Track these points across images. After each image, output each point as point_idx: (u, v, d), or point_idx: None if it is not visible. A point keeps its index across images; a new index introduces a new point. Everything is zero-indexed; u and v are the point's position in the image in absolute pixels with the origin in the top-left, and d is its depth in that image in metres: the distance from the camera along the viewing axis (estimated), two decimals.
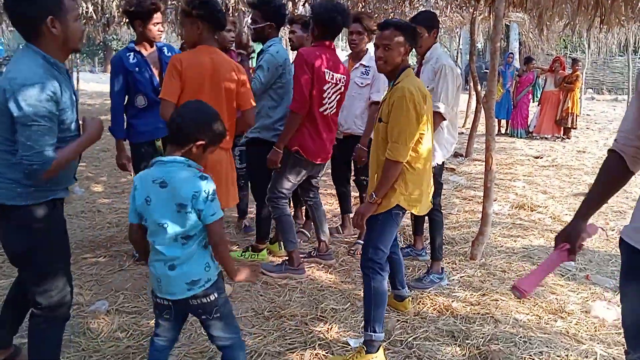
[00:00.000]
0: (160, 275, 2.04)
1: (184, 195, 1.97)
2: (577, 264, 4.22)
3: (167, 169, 2.01)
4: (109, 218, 4.98)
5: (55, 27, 1.99)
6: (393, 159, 2.63)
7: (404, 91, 2.60)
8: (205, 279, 2.06)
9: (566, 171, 7.92)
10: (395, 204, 2.72)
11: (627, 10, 6.37)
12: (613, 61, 24.83)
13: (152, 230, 2.04)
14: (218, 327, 2.15)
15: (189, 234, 2.02)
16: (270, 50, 3.71)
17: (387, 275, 2.83)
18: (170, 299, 2.07)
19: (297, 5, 8.38)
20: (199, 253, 2.06)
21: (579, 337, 3.06)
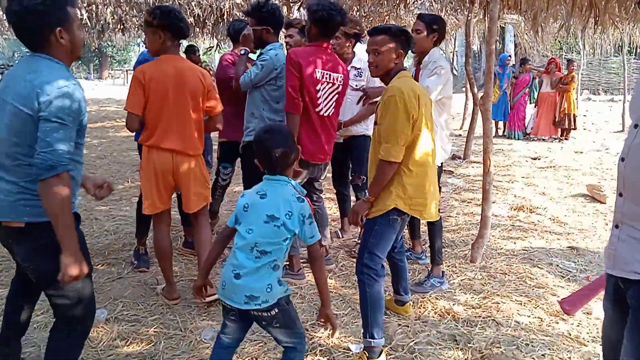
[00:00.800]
0: (225, 280, 2.17)
1: (278, 208, 2.14)
2: (577, 264, 4.21)
3: (270, 184, 2.23)
4: (107, 226, 4.96)
5: (63, 38, 2.00)
6: (385, 159, 2.62)
7: (394, 90, 2.61)
8: (264, 298, 2.13)
9: (564, 172, 7.92)
10: (392, 206, 2.70)
11: (621, 11, 6.40)
12: (608, 62, 24.92)
13: (240, 235, 2.18)
14: (279, 333, 2.26)
15: (266, 249, 2.13)
16: (269, 53, 3.70)
17: (382, 280, 2.81)
18: (230, 304, 2.17)
19: (292, 10, 8.38)
20: (266, 271, 2.14)
21: (581, 339, 3.05)
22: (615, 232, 1.63)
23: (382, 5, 9.22)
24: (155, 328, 3.08)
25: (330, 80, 3.56)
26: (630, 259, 1.55)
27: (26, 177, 1.98)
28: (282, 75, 3.73)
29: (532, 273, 4.00)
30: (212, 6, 10.53)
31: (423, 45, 3.62)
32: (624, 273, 1.58)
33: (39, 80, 1.92)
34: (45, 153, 1.88)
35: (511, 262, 4.22)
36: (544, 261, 4.27)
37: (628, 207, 1.57)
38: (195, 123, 3.15)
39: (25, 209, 1.99)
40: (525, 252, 4.48)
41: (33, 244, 2.04)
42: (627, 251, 1.57)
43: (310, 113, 3.55)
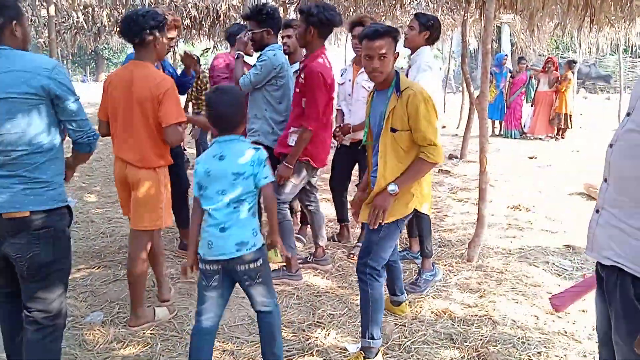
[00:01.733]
0: (211, 238, 2.28)
1: (241, 164, 2.27)
2: (573, 263, 4.22)
3: (224, 145, 2.32)
4: (103, 228, 4.95)
5: (17, 31, 2.11)
6: (434, 161, 2.64)
7: (423, 94, 2.60)
8: (252, 242, 2.31)
9: (561, 171, 7.94)
10: (413, 209, 2.74)
11: (617, 10, 6.41)
12: (604, 60, 24.96)
13: (210, 198, 2.30)
14: (260, 292, 2.38)
15: (240, 198, 2.29)
16: (268, 53, 3.72)
17: (383, 280, 2.81)
18: (220, 259, 2.29)
19: (288, 11, 8.39)
20: (248, 218, 2.32)
21: (576, 337, 3.05)
22: (595, 216, 1.65)
23: (379, 6, 9.22)
24: (152, 330, 3.07)
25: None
26: (606, 244, 1.58)
27: (26, 167, 2.05)
28: (282, 75, 3.74)
29: (528, 272, 4.01)
30: (208, 8, 10.55)
31: (414, 41, 3.66)
32: (599, 257, 1.61)
33: (32, 64, 2.04)
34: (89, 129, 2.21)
35: (507, 261, 4.22)
36: (540, 260, 4.27)
37: (610, 194, 1.58)
38: (146, 134, 2.90)
39: (29, 197, 2.05)
40: (522, 250, 4.48)
41: (35, 233, 2.08)
42: (604, 236, 1.59)
43: (328, 121, 3.62)
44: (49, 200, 2.09)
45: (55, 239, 2.13)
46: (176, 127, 2.89)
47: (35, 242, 2.09)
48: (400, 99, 2.61)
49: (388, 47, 2.57)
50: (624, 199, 1.53)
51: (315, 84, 3.44)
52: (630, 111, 1.58)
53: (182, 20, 10.66)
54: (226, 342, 2.96)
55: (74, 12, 10.69)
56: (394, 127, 2.63)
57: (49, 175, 2.10)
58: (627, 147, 1.54)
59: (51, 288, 2.17)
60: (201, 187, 2.33)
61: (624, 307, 1.52)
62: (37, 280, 2.14)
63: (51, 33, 5.37)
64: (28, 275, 2.13)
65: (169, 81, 2.89)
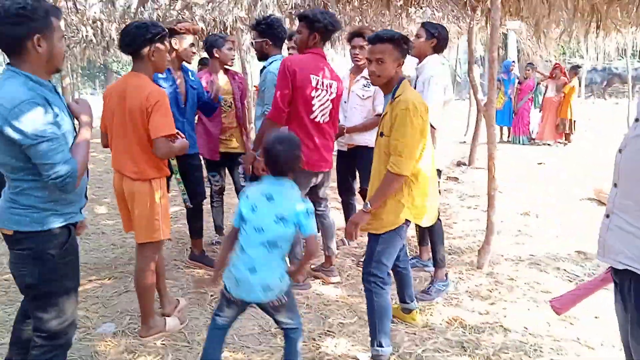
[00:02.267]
0: (240, 279, 2.32)
1: (287, 210, 2.31)
2: (584, 269, 4.19)
3: (275, 185, 2.37)
4: (113, 239, 4.98)
5: (40, 46, 1.98)
6: (397, 173, 2.59)
7: (407, 104, 2.58)
8: (278, 290, 2.36)
9: (570, 176, 7.90)
10: (404, 220, 2.71)
11: (623, 15, 6.40)
12: (612, 66, 24.83)
13: (248, 234, 2.33)
14: (283, 317, 2.46)
15: (276, 242, 2.32)
16: (271, 67, 3.74)
17: (389, 288, 2.80)
18: (245, 300, 2.37)
19: (294, 21, 8.44)
20: (278, 262, 2.36)
21: (589, 344, 3.03)
22: (605, 221, 1.66)
23: (384, 15, 9.25)
24: (163, 340, 3.09)
25: (325, 88, 3.57)
26: (617, 248, 1.58)
27: (12, 190, 2.05)
28: None
29: (539, 278, 3.99)
30: (215, 20, 10.62)
31: (421, 49, 3.66)
32: (611, 261, 1.61)
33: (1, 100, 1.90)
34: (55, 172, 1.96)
35: (518, 268, 4.20)
36: (551, 266, 4.25)
37: (619, 198, 1.59)
38: (139, 146, 2.88)
39: (14, 217, 2.05)
40: (532, 257, 4.46)
41: (18, 252, 2.09)
42: (615, 241, 1.59)
43: (305, 121, 3.53)
44: (32, 223, 2.05)
45: (38, 261, 2.07)
46: (165, 139, 2.83)
47: (20, 262, 2.09)
48: (392, 105, 2.66)
49: (387, 52, 2.64)
50: (632, 203, 1.54)
51: (279, 70, 3.45)
52: (638, 117, 1.59)
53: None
54: (236, 351, 2.96)
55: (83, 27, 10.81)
56: (382, 131, 2.70)
57: (32, 200, 2.04)
58: (636, 152, 1.55)
59: (43, 308, 2.13)
60: (244, 220, 2.36)
61: (638, 311, 1.51)
62: (29, 300, 2.17)
63: None
64: (22, 292, 2.16)
65: (160, 93, 2.85)
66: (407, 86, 2.72)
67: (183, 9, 9.74)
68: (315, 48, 3.56)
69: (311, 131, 3.58)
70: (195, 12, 10.18)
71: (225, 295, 2.42)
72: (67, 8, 8.11)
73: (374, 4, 7.47)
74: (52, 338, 2.17)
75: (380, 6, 7.58)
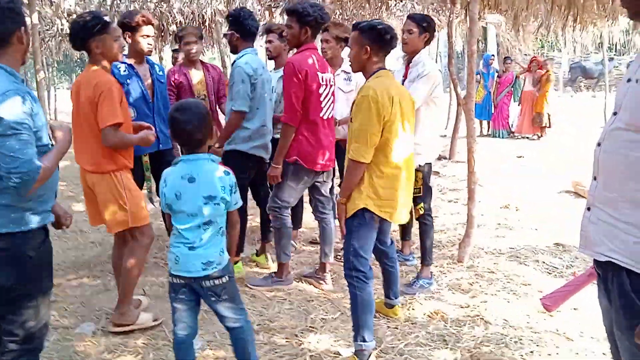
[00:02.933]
0: (179, 254, 2.27)
1: (213, 188, 2.25)
2: (563, 261, 4.25)
3: (194, 164, 2.27)
4: (92, 237, 4.91)
5: (24, 37, 2.01)
6: (354, 159, 2.63)
7: (367, 90, 2.60)
8: (218, 262, 2.29)
9: (548, 169, 8.00)
10: (362, 206, 2.69)
11: (600, 9, 6.49)
12: (589, 59, 25.20)
13: (180, 218, 2.28)
14: (226, 308, 2.35)
15: (211, 220, 2.27)
16: (239, 62, 3.72)
17: (372, 282, 2.81)
18: (185, 276, 2.27)
19: (274, 14, 8.39)
20: (216, 238, 2.31)
21: (568, 335, 3.07)
22: (587, 214, 1.68)
23: (364, 8, 9.26)
24: (144, 340, 3.05)
25: (326, 82, 3.55)
26: (599, 241, 1.60)
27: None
28: (256, 82, 3.69)
29: (518, 271, 4.03)
30: (194, 13, 10.51)
31: (415, 44, 3.60)
32: (593, 254, 1.63)
33: None
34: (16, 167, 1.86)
35: (498, 261, 4.24)
36: (530, 259, 4.30)
37: (599, 191, 1.61)
38: (93, 138, 2.87)
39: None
40: (512, 250, 4.51)
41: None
42: (596, 233, 1.61)
43: (315, 119, 3.52)
44: (10, 224, 1.97)
45: (15, 263, 2.00)
46: (113, 129, 2.82)
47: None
48: (359, 93, 2.70)
49: (354, 39, 2.74)
50: (613, 195, 1.55)
51: (286, 74, 3.42)
52: (616, 110, 1.60)
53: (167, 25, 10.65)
54: (218, 349, 2.94)
55: (58, 20, 10.62)
56: (351, 116, 2.75)
57: (8, 200, 1.96)
58: (614, 145, 1.56)
59: (18, 311, 2.06)
60: (171, 208, 2.30)
61: (622, 301, 1.53)
62: (1, 304, 2.05)
63: (34, 41, 5.33)
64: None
65: (106, 83, 2.84)
66: (380, 75, 2.71)
67: (161, 1, 9.62)
68: (308, 43, 3.52)
69: (320, 129, 3.56)
70: (173, 4, 10.07)
71: (171, 284, 2.34)
72: (41, 0, 7.93)
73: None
74: (25, 342, 2.09)
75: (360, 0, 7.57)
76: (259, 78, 3.73)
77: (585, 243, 1.67)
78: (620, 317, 1.55)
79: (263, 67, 3.85)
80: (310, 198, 3.93)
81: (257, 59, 3.83)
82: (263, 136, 3.85)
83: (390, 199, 2.73)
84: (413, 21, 3.60)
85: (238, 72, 3.66)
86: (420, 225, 3.78)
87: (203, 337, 3.03)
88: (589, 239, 1.66)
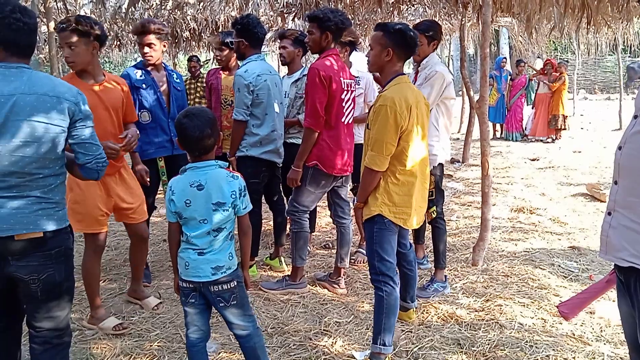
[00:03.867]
0: (188, 260, 2.28)
1: (222, 194, 2.26)
2: (579, 264, 4.21)
3: (201, 172, 2.27)
4: (107, 241, 4.95)
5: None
6: (369, 167, 2.64)
7: (386, 100, 2.60)
8: (227, 266, 2.31)
9: (563, 172, 7.93)
10: (377, 212, 2.71)
11: (614, 11, 6.42)
12: (604, 61, 24.97)
13: (190, 225, 2.29)
14: (235, 314, 2.36)
15: (221, 227, 2.29)
16: (239, 71, 3.76)
17: (398, 286, 2.81)
18: (194, 281, 2.28)
19: (287, 20, 8.42)
20: (226, 243, 2.32)
21: (585, 339, 3.04)
22: (607, 218, 1.65)
23: (376, 12, 9.25)
24: (159, 342, 3.07)
25: (347, 87, 3.58)
26: (620, 246, 1.57)
27: (41, 188, 2.05)
28: (258, 87, 3.71)
29: (534, 274, 4.00)
30: (207, 20, 10.58)
31: (425, 53, 3.63)
32: (614, 259, 1.61)
33: (59, 89, 2.05)
34: (100, 154, 2.19)
35: (513, 264, 4.21)
36: (545, 262, 4.26)
37: (621, 195, 1.59)
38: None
39: (42, 218, 2.05)
40: (527, 253, 4.47)
41: (48, 253, 2.08)
42: (618, 238, 1.59)
43: (337, 125, 3.53)
44: (59, 220, 2.10)
45: (66, 257, 2.15)
46: None
47: (49, 262, 2.08)
48: (377, 98, 2.70)
49: (375, 39, 2.72)
50: (635, 199, 1.54)
51: (310, 80, 3.43)
52: (637, 114, 1.59)
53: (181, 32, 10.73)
54: (233, 352, 2.96)
55: None
56: (368, 123, 2.74)
57: (60, 196, 2.12)
58: (635, 149, 1.55)
59: (63, 305, 2.18)
60: (180, 216, 2.30)
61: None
62: (50, 299, 2.13)
63: (52, 49, 5.40)
64: (42, 295, 2.11)
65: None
66: (400, 81, 2.70)
67: (174, 8, 9.70)
68: (330, 48, 3.53)
69: (342, 135, 3.58)
70: (186, 11, 10.14)
71: (181, 289, 2.35)
72: (57, 9, 8.04)
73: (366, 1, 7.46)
74: (64, 334, 2.22)
75: (372, 4, 7.57)
76: (261, 84, 3.73)
77: (606, 248, 1.65)
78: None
79: (270, 72, 3.85)
80: (329, 202, 3.94)
81: (262, 64, 3.84)
82: (274, 141, 3.87)
83: (405, 206, 2.74)
84: (420, 32, 3.55)
85: (236, 81, 3.73)
86: (433, 228, 3.78)
87: (217, 340, 3.05)
88: (610, 244, 1.64)
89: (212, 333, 3.14)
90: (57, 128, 2.03)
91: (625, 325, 1.75)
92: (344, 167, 3.64)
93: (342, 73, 3.54)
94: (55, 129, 2.02)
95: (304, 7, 7.38)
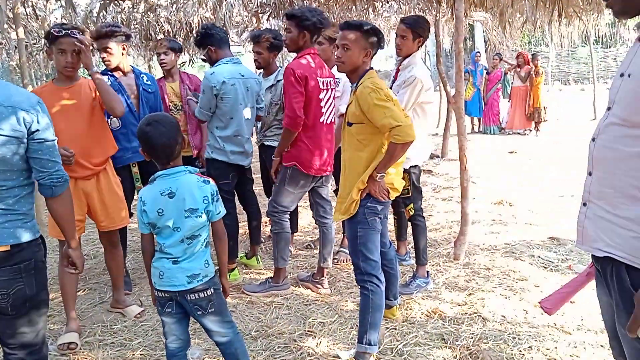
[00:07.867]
0: (162, 269, 2.23)
1: (194, 201, 2.21)
2: (558, 254, 4.26)
3: (171, 179, 2.22)
4: (86, 250, 4.88)
5: None
6: (403, 142, 2.54)
7: (371, 86, 2.60)
8: (203, 274, 2.26)
9: (541, 164, 8.03)
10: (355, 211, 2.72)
11: (584, 3, 6.52)
12: (576, 52, 25.38)
13: (163, 234, 2.24)
14: (214, 322, 2.32)
15: (194, 234, 2.24)
16: (206, 72, 3.76)
17: (384, 284, 2.81)
18: (170, 290, 2.23)
19: (262, 20, 8.38)
20: (201, 251, 2.28)
21: (566, 328, 3.08)
22: (582, 209, 1.67)
23: (351, 10, 9.26)
24: (141, 351, 3.03)
25: (326, 86, 3.55)
26: (596, 236, 1.59)
27: (6, 200, 1.96)
28: (224, 91, 3.68)
29: (514, 266, 4.04)
30: (181, 22, 10.49)
31: (409, 49, 3.56)
32: (591, 249, 1.63)
33: (17, 98, 1.93)
34: (57, 170, 2.05)
35: (494, 257, 4.25)
36: (525, 253, 4.31)
37: (595, 186, 1.61)
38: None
39: (9, 230, 1.95)
40: (507, 245, 4.52)
41: (16, 267, 1.99)
42: (593, 228, 1.61)
43: (316, 125, 3.51)
44: (28, 232, 2.01)
45: (36, 270, 2.05)
46: None
47: (19, 276, 1.99)
48: (355, 95, 2.68)
49: (354, 40, 2.65)
50: (609, 190, 1.55)
51: (285, 80, 3.41)
52: (610, 105, 1.61)
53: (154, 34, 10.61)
54: (217, 358, 2.92)
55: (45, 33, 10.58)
56: (349, 121, 2.71)
57: (28, 207, 2.03)
58: (609, 140, 1.56)
59: (35, 320, 2.08)
60: (154, 227, 2.24)
61: (622, 297, 1.53)
62: (21, 315, 2.04)
63: (22, 55, 5.28)
64: (12, 311, 2.03)
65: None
66: (372, 75, 2.70)
67: (147, 11, 9.59)
68: (307, 47, 3.51)
69: (321, 135, 3.56)
70: (159, 14, 10.04)
71: (158, 298, 2.30)
72: (27, 14, 7.89)
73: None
74: (40, 349, 2.12)
75: (347, 1, 7.57)
76: (228, 89, 3.69)
77: (582, 239, 1.67)
78: (621, 312, 1.55)
79: (243, 75, 3.81)
80: (311, 202, 3.92)
81: (233, 67, 3.79)
82: (239, 144, 3.85)
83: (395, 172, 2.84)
84: (407, 26, 3.52)
85: (202, 82, 3.76)
86: (413, 226, 3.79)
87: (201, 346, 3.02)
88: (586, 234, 1.65)
89: (195, 339, 3.12)
90: (13, 140, 1.91)
91: (605, 314, 1.77)
92: (323, 166, 3.62)
93: (320, 71, 3.51)
94: (12, 140, 1.91)
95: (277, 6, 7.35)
